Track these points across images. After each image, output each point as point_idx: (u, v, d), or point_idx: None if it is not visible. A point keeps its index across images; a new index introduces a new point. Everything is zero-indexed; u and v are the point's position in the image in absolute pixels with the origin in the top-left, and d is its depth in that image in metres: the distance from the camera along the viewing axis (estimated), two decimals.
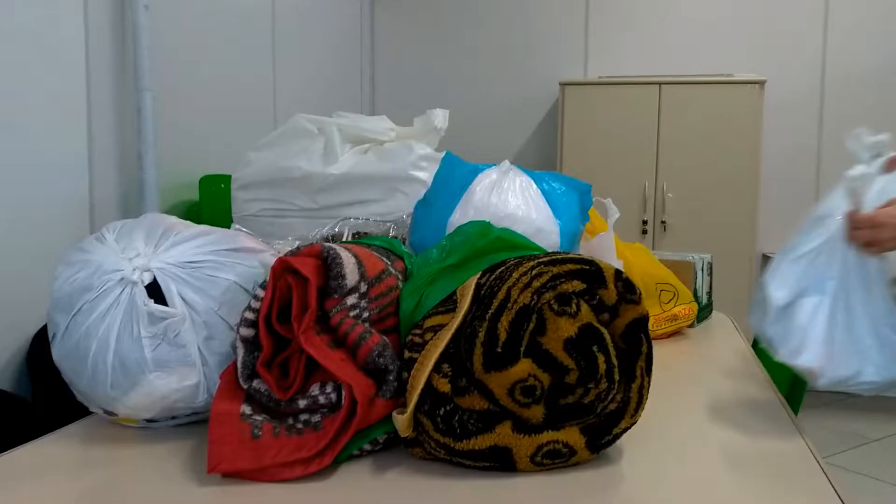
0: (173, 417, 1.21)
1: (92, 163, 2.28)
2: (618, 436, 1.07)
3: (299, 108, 3.73)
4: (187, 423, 1.23)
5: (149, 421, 1.21)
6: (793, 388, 1.93)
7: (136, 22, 2.39)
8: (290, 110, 3.60)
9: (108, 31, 2.36)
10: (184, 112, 2.76)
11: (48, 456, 1.13)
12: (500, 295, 1.03)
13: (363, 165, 1.80)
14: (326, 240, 1.64)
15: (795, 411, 1.76)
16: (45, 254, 2.09)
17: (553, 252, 1.16)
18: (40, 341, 2.00)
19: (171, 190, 2.66)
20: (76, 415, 1.33)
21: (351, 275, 1.11)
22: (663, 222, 4.35)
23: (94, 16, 2.28)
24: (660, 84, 4.34)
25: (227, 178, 2.71)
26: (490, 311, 1.02)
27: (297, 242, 1.60)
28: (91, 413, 1.28)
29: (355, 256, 1.14)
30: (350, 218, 1.72)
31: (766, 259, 4.68)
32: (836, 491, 0.99)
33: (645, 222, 4.38)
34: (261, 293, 1.12)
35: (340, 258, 1.10)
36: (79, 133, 2.23)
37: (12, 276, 1.99)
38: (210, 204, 2.70)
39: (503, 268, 1.10)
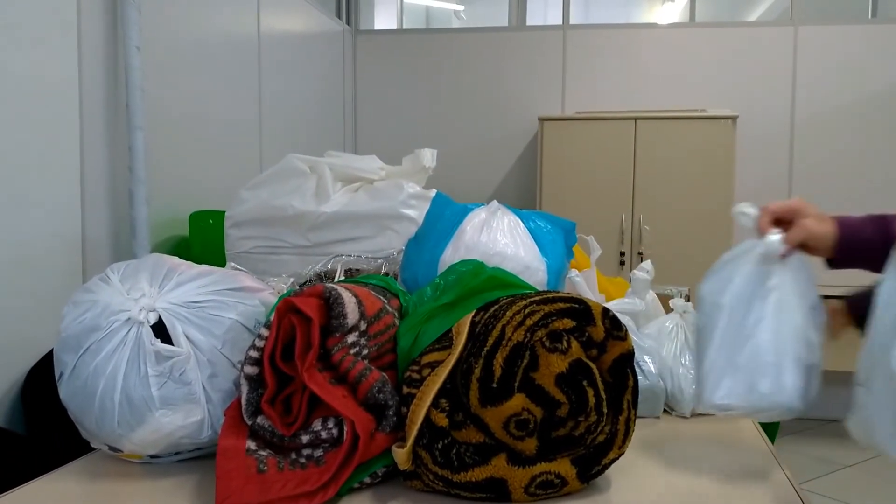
0: (177, 453, 1.24)
1: (84, 200, 2.31)
2: (606, 466, 1.13)
3: (284, 148, 3.81)
4: (190, 458, 1.26)
5: (153, 457, 1.24)
6: (765, 425, 1.99)
7: (129, 63, 2.44)
8: (275, 149, 3.68)
9: (102, 71, 2.41)
10: (173, 150, 2.81)
11: (55, 492, 1.16)
12: (495, 332, 1.09)
13: (354, 204, 1.85)
14: (319, 276, 1.68)
15: (772, 439, 1.83)
16: (39, 291, 2.12)
17: (544, 291, 1.22)
18: (35, 378, 2.02)
19: (162, 226, 2.70)
20: (71, 450, 1.36)
21: (352, 314, 1.16)
22: (640, 254, 4.43)
23: (88, 57, 2.34)
24: (635, 119, 4.45)
25: (215, 214, 2.75)
26: (485, 348, 1.08)
27: (291, 279, 1.65)
28: (93, 449, 1.32)
29: (355, 296, 1.19)
30: (342, 255, 1.76)
31: None
32: None
33: (622, 254, 4.47)
34: (264, 332, 1.17)
35: (342, 298, 1.15)
36: (72, 171, 2.27)
37: (6, 313, 2.01)
38: (199, 239, 2.74)
39: (497, 306, 1.16)
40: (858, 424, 1.08)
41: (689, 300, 2.28)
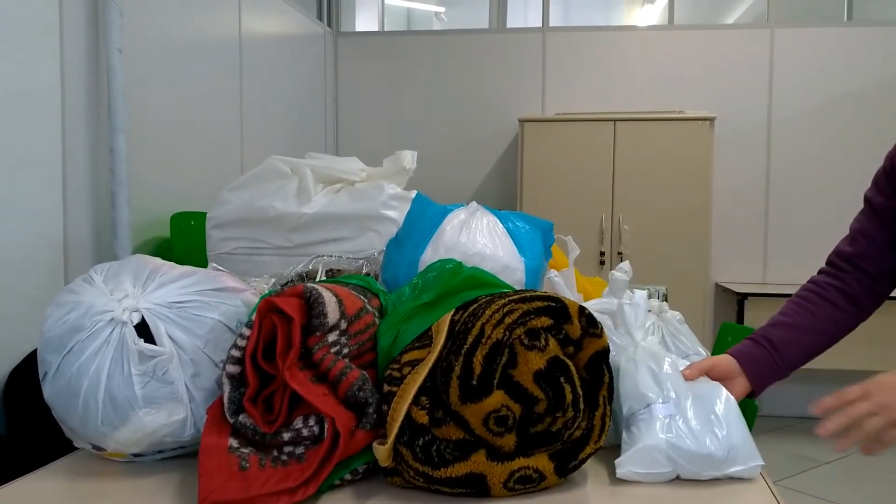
0: (160, 451, 1.26)
1: (66, 202, 2.31)
2: (583, 461, 1.15)
3: (265, 150, 3.82)
4: (173, 456, 1.28)
5: (136, 455, 1.25)
6: (743, 412, 2.03)
7: (110, 65, 2.44)
8: (257, 151, 3.69)
9: (83, 73, 2.41)
10: (155, 152, 2.81)
11: (38, 491, 1.17)
12: (475, 331, 1.11)
13: (336, 205, 1.86)
14: (301, 277, 1.70)
15: (750, 426, 1.86)
16: (21, 292, 2.12)
17: (522, 290, 1.24)
18: (17, 379, 2.02)
19: (143, 227, 2.70)
20: (53, 451, 1.36)
21: (332, 313, 1.17)
22: (620, 253, 4.48)
23: (70, 59, 2.34)
24: (615, 120, 4.49)
25: (197, 216, 2.76)
26: (465, 346, 1.10)
27: (273, 280, 1.66)
28: (76, 448, 1.32)
29: (335, 295, 1.21)
30: (324, 255, 1.78)
31: (719, 288, 4.83)
32: None
33: (602, 254, 4.51)
34: (246, 332, 1.18)
35: (322, 297, 1.17)
36: (54, 173, 2.27)
37: None
38: (181, 240, 2.74)
39: (476, 305, 1.18)
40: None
41: (666, 300, 2.32)
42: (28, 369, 2.03)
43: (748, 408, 2.02)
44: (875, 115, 4.70)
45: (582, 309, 1.17)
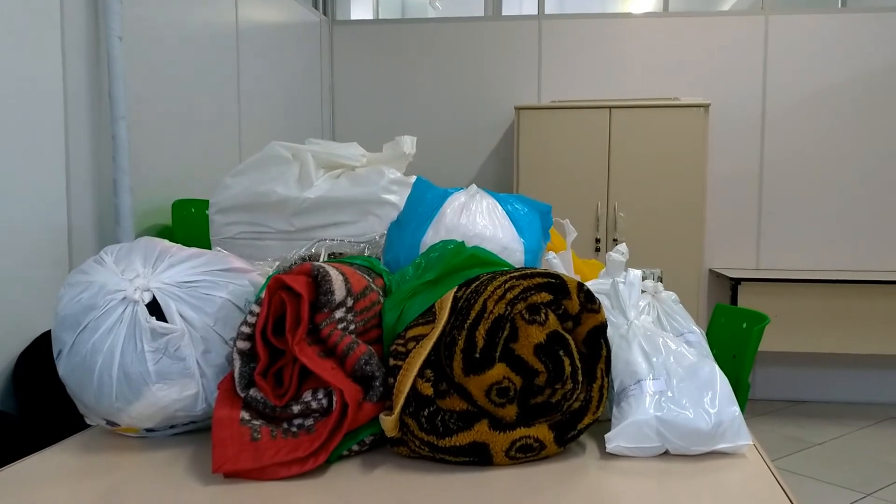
0: (172, 427, 1.30)
1: (69, 190, 2.34)
2: (582, 431, 1.20)
3: (263, 137, 3.85)
4: (185, 431, 1.32)
5: (149, 430, 1.29)
6: (735, 393, 2.07)
7: (111, 53, 2.46)
8: (255, 139, 3.72)
9: (84, 61, 2.43)
10: (155, 140, 2.84)
11: (55, 465, 1.21)
12: (477, 306, 1.15)
13: (337, 190, 1.90)
14: (304, 260, 1.73)
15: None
16: (27, 278, 2.15)
17: (522, 267, 1.28)
18: (26, 361, 2.06)
19: (145, 214, 2.74)
20: (62, 430, 1.40)
21: (339, 290, 1.21)
22: (615, 240, 4.52)
23: (71, 48, 2.36)
24: (610, 108, 4.53)
25: (197, 203, 2.79)
26: (468, 321, 1.14)
27: (277, 263, 1.70)
28: (88, 426, 1.36)
29: (342, 274, 1.25)
30: (326, 239, 1.81)
31: (712, 274, 4.88)
32: (784, 491, 1.11)
33: (598, 240, 4.55)
34: (256, 309, 1.22)
35: (329, 275, 1.21)
36: (57, 161, 2.30)
37: None
38: (182, 227, 2.77)
39: (478, 282, 1.22)
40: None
41: (661, 281, 2.36)
42: (36, 352, 2.06)
43: (740, 389, 2.07)
44: (870, 102, 4.74)
45: (580, 285, 1.21)
